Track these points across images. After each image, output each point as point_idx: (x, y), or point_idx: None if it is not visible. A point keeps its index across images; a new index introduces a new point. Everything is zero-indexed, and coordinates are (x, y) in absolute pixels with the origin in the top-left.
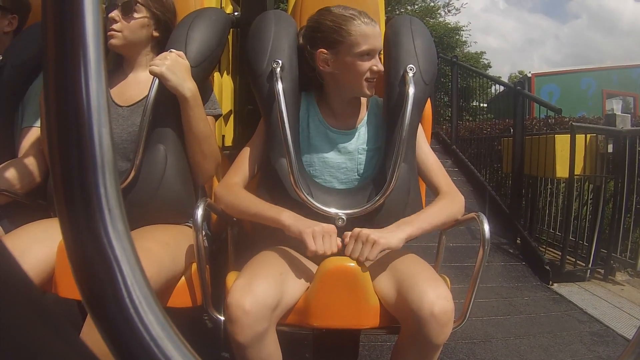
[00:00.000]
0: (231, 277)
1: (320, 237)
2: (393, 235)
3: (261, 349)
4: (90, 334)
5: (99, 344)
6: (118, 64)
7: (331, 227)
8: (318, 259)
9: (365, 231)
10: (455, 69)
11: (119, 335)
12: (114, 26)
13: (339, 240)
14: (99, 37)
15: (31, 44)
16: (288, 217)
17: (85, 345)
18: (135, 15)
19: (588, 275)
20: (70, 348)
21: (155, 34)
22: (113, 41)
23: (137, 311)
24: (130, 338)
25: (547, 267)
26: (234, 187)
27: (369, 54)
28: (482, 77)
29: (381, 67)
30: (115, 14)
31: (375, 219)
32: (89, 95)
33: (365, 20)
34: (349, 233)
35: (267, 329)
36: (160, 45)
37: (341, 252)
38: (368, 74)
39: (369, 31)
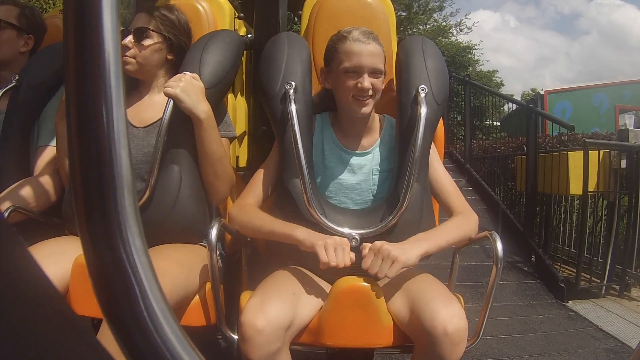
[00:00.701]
0: (245, 296)
1: (332, 249)
2: (411, 251)
3: None
4: (108, 336)
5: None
6: (134, 85)
7: (344, 240)
8: (332, 278)
9: (386, 246)
10: (468, 88)
11: (137, 348)
12: (128, 53)
13: (352, 254)
14: (119, 60)
15: (47, 65)
16: (301, 232)
17: (107, 350)
18: (148, 41)
19: (603, 292)
20: (94, 352)
21: (170, 56)
22: (128, 67)
23: (155, 325)
24: (148, 351)
25: (562, 285)
26: (248, 207)
27: (353, 71)
28: (494, 96)
29: (367, 85)
30: (128, 40)
31: (389, 239)
32: (109, 118)
33: (358, 38)
34: (368, 245)
35: (280, 349)
36: (175, 67)
37: (355, 266)
38: (354, 92)
39: (355, 49)
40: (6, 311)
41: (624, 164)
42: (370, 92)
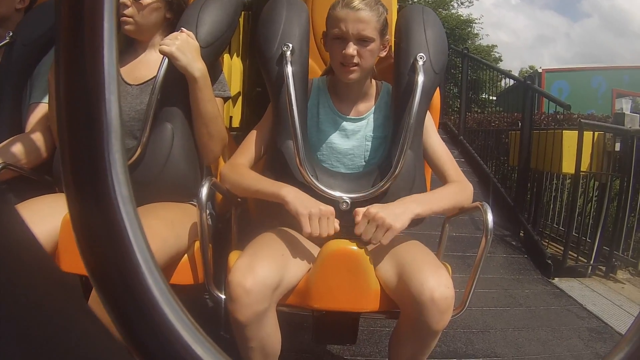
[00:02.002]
0: (233, 256)
1: (316, 219)
2: (404, 215)
3: (260, 328)
4: (98, 301)
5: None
6: (129, 43)
7: (329, 210)
8: (321, 241)
9: (380, 214)
10: (466, 61)
11: (120, 300)
12: (126, 12)
13: (337, 223)
14: (112, 2)
15: (42, 22)
16: (288, 193)
17: (94, 312)
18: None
19: (589, 272)
20: (82, 313)
21: (168, 15)
22: (126, 27)
23: (139, 277)
24: (130, 303)
25: (549, 262)
26: (239, 167)
27: (339, 38)
28: (492, 70)
29: (350, 52)
30: None
31: (379, 204)
32: (99, 62)
33: (348, 3)
34: (362, 211)
35: (267, 309)
36: (172, 26)
37: (345, 229)
38: (341, 59)
39: (342, 15)
40: None
41: (618, 147)
42: (356, 60)
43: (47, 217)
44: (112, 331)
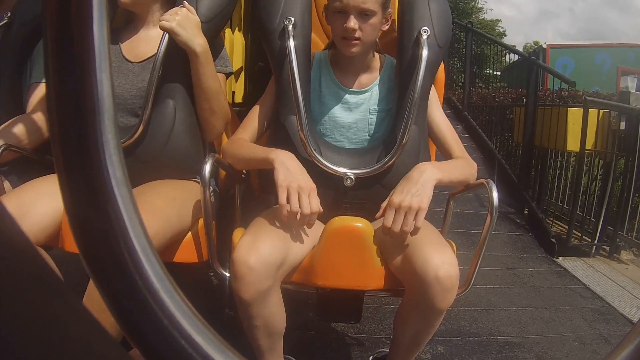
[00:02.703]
0: (237, 233)
1: (295, 194)
2: (426, 187)
3: (265, 306)
4: (93, 297)
5: (98, 306)
6: (129, 20)
7: (309, 186)
8: (325, 218)
9: (405, 200)
10: (470, 35)
11: (114, 284)
12: None
13: (317, 202)
14: None
15: (39, 2)
16: (277, 156)
17: (85, 308)
18: None
19: (593, 252)
20: (69, 310)
21: None
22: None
23: (133, 260)
24: (125, 287)
25: (553, 240)
26: (239, 140)
27: (340, 11)
28: (496, 45)
29: (353, 25)
30: None
31: (384, 179)
32: (89, 39)
33: None
34: (385, 205)
35: (271, 287)
36: (172, 1)
37: (349, 205)
38: (342, 32)
39: None
40: None
41: (623, 125)
42: (358, 34)
43: (49, 197)
44: (105, 327)
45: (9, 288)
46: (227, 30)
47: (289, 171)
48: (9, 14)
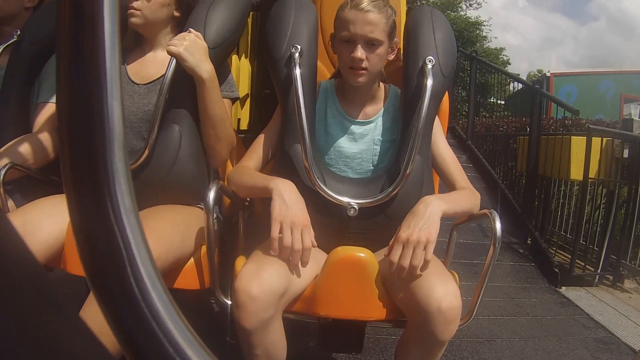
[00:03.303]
0: (240, 261)
1: (288, 229)
2: (433, 220)
3: (266, 335)
4: (90, 313)
5: (98, 323)
6: (137, 42)
7: (302, 222)
8: (328, 247)
9: (413, 235)
10: (474, 64)
11: (119, 310)
12: (134, 4)
13: (312, 237)
14: (115, 7)
15: (49, 20)
16: (275, 186)
17: (85, 324)
18: None
19: (596, 281)
20: (70, 326)
21: (176, 13)
22: (133, 20)
23: (140, 288)
24: (131, 315)
25: (556, 270)
26: (243, 168)
27: (348, 41)
28: (500, 74)
29: (360, 55)
30: None
31: (388, 210)
32: (101, 66)
33: (356, 5)
34: (393, 241)
35: (273, 316)
36: (181, 25)
37: (353, 235)
38: (349, 62)
39: (351, 17)
40: None
41: (626, 153)
42: (365, 64)
43: (54, 217)
44: (103, 344)
45: (12, 302)
46: (234, 57)
47: (284, 204)
48: (19, 32)
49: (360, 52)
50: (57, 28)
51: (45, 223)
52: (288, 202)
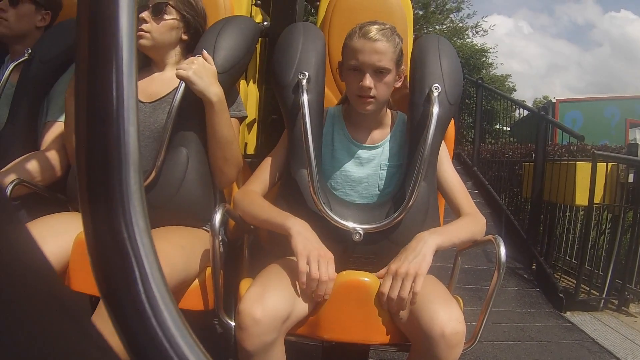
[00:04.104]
0: (244, 284)
1: (315, 261)
2: (426, 251)
3: (267, 358)
4: (103, 316)
5: (109, 327)
6: (144, 63)
7: (329, 255)
8: None
9: (402, 267)
10: (480, 91)
11: (132, 328)
12: (144, 26)
13: (334, 270)
14: (133, 35)
15: (61, 40)
16: (294, 225)
17: (101, 334)
18: (166, 17)
19: (601, 305)
20: (86, 337)
21: (185, 37)
22: (142, 42)
23: (153, 308)
24: (144, 334)
25: (561, 295)
26: (252, 194)
27: (356, 69)
28: (506, 100)
29: (367, 84)
30: (145, 14)
31: (393, 235)
32: (119, 93)
33: (365, 34)
34: (384, 272)
35: (275, 340)
36: (189, 49)
37: (357, 260)
38: (357, 90)
39: (359, 46)
40: None
41: (631, 178)
42: (373, 92)
43: (59, 235)
44: (115, 349)
45: (32, 314)
46: (242, 82)
47: (307, 240)
48: (30, 51)
49: (368, 81)
50: (77, 52)
51: (51, 240)
52: (310, 239)
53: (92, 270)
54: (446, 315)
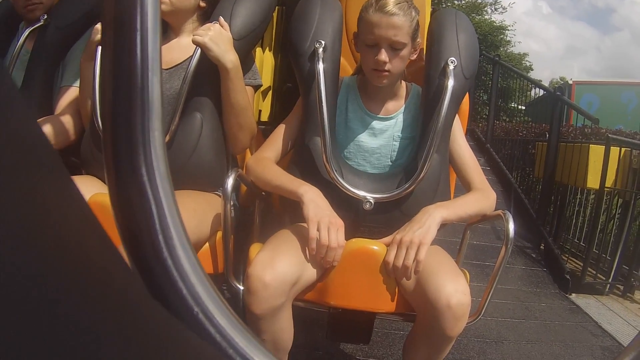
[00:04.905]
0: (254, 249)
1: (325, 228)
2: (431, 222)
3: (275, 322)
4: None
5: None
6: (162, 30)
7: (339, 222)
8: None
9: (407, 236)
10: (497, 68)
11: (151, 271)
12: None
13: (342, 237)
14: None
15: (76, 6)
16: (306, 192)
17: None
18: None
19: (607, 290)
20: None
21: (202, 4)
22: (162, 7)
23: (170, 251)
24: (161, 275)
25: (567, 277)
26: (265, 160)
27: (371, 43)
28: (522, 79)
29: (383, 58)
30: None
31: (403, 206)
32: (144, 42)
33: (382, 7)
34: (388, 241)
35: (283, 304)
36: (206, 16)
37: (367, 229)
38: (372, 64)
39: (376, 20)
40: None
41: None
42: (388, 67)
43: None
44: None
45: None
46: (258, 49)
47: (319, 207)
48: (45, 17)
49: (384, 55)
50: (104, 6)
51: None
52: (322, 206)
53: (113, 213)
54: (453, 287)
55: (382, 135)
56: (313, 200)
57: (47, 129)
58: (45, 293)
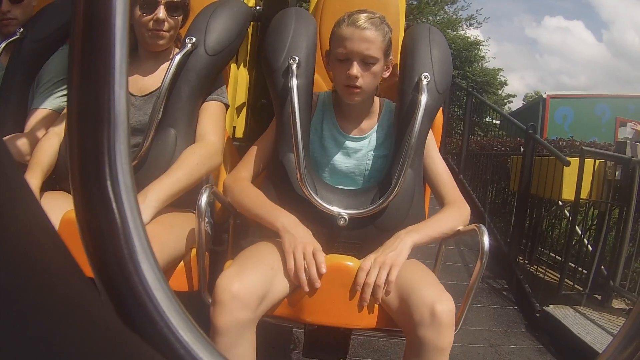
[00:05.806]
0: (228, 265)
1: (300, 254)
2: (403, 246)
3: (237, 343)
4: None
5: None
6: (133, 53)
7: (312, 243)
8: None
9: (379, 258)
10: (470, 99)
11: (114, 283)
12: (164, 27)
13: (323, 258)
14: (126, 5)
15: (52, 20)
16: (282, 226)
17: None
18: (179, 13)
19: (584, 300)
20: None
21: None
22: (161, 42)
23: (134, 261)
24: (123, 286)
25: (538, 315)
26: (242, 182)
27: (343, 58)
28: (494, 112)
29: (356, 73)
30: (162, 14)
31: (377, 221)
32: (110, 54)
33: (353, 22)
34: (361, 266)
35: (249, 321)
36: (178, 37)
37: (342, 245)
38: (346, 80)
39: (348, 34)
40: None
41: (618, 175)
42: (360, 82)
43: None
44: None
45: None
46: (233, 65)
47: (294, 237)
48: (22, 30)
49: (355, 70)
50: (72, 19)
51: None
52: (296, 234)
53: (77, 220)
54: (435, 295)
55: (356, 154)
56: (289, 232)
57: (23, 142)
58: (12, 313)
